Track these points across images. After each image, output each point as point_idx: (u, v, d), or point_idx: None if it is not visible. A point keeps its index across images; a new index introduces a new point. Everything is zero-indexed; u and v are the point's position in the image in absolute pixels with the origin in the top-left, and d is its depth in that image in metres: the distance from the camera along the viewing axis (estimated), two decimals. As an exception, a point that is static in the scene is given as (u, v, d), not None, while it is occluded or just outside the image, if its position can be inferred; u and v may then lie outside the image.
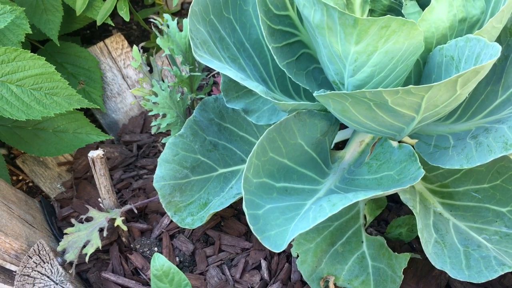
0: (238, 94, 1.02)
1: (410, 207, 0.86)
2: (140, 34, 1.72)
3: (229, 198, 1.01)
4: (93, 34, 1.69)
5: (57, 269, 0.98)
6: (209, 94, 1.16)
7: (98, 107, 1.19)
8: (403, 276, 0.90)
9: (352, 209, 1.00)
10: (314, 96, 0.80)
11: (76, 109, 1.23)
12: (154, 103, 0.99)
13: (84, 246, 1.00)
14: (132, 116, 1.43)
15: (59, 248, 1.01)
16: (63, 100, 1.08)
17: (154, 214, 1.13)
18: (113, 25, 1.35)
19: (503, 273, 0.79)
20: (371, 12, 0.94)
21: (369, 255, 0.95)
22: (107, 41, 1.48)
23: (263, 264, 0.99)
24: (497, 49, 0.68)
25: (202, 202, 1.02)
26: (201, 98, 1.06)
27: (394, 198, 1.05)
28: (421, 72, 0.89)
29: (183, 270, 1.03)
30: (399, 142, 0.94)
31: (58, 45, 1.33)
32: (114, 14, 1.60)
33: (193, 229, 1.08)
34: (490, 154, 0.75)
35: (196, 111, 1.03)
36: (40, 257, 0.98)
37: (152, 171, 1.23)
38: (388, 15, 0.72)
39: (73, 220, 1.03)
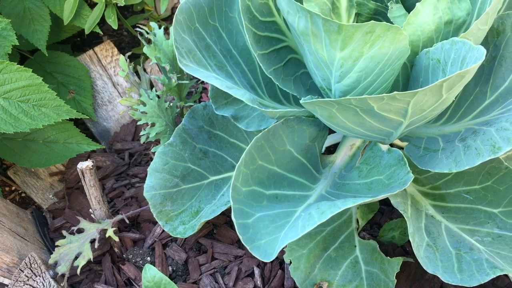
0: (227, 101, 1.02)
1: (401, 211, 0.85)
2: (130, 40, 1.72)
3: (220, 205, 1.00)
4: (83, 41, 1.69)
5: (49, 282, 0.97)
6: (199, 102, 1.16)
7: (87, 117, 1.18)
8: (396, 280, 0.90)
9: (344, 214, 1.00)
10: (301, 103, 0.79)
11: (66, 119, 1.23)
12: (142, 112, 0.98)
13: (76, 258, 1.00)
14: (124, 124, 1.42)
15: (50, 261, 1.00)
16: (51, 111, 1.07)
17: (146, 223, 1.13)
18: (102, 33, 1.34)
19: (494, 276, 0.79)
20: (358, 16, 0.94)
21: (362, 259, 0.95)
22: (97, 49, 1.47)
23: (256, 271, 0.99)
24: (482, 52, 0.68)
25: (194, 210, 1.02)
26: (190, 106, 1.05)
27: (386, 201, 1.05)
28: (409, 75, 0.88)
29: (176, 279, 1.02)
30: (390, 144, 0.94)
31: (47, 55, 1.32)
32: (103, 21, 1.59)
33: (186, 238, 1.07)
34: (478, 158, 0.75)
35: (185, 119, 1.02)
36: (31, 270, 0.98)
37: (144, 179, 1.22)
38: (373, 21, 0.71)
39: (64, 232, 1.02)
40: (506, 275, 0.92)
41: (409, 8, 0.87)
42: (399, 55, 0.77)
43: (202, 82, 1.26)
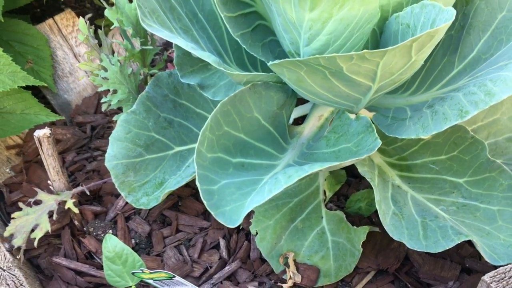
0: (193, 69, 0.99)
1: (368, 179, 0.84)
2: (94, 13, 1.65)
3: (186, 176, 0.97)
4: (44, 13, 1.61)
5: (4, 255, 0.92)
6: (164, 70, 1.12)
7: (46, 84, 1.13)
8: (361, 249, 0.89)
9: (311, 185, 0.99)
10: (269, 65, 0.77)
11: (24, 88, 1.17)
12: (103, 78, 0.94)
13: (32, 231, 0.95)
14: (86, 97, 1.37)
15: (6, 234, 0.96)
16: (6, 77, 1.02)
17: (108, 196, 1.09)
18: (63, 1, 1.28)
19: (459, 242, 0.79)
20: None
21: (328, 230, 0.94)
22: (57, 17, 1.40)
23: (222, 243, 0.97)
24: (452, 13, 0.67)
25: (158, 181, 0.99)
26: (155, 74, 1.01)
27: (353, 173, 1.04)
28: (378, 42, 0.87)
29: (140, 252, 0.99)
30: (357, 114, 0.93)
31: (2, 21, 1.25)
32: (65, -9, 1.52)
33: (149, 210, 1.04)
34: (446, 122, 0.74)
35: (149, 86, 0.99)
36: (-16, 243, 0.93)
37: (107, 152, 1.18)
38: (343, -20, 0.69)
39: (20, 204, 0.98)
40: (470, 244, 0.93)
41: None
42: (369, 18, 0.76)
43: (167, 49, 1.22)
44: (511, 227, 0.85)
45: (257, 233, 0.93)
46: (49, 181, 1.01)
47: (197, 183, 0.74)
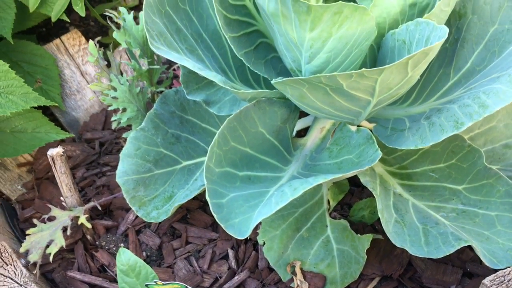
0: (198, 86, 1.02)
1: (370, 189, 0.88)
2: (98, 30, 1.69)
3: (194, 190, 1.01)
4: (49, 31, 1.65)
5: (21, 270, 0.96)
6: (170, 87, 1.16)
7: (56, 104, 1.17)
8: (366, 256, 0.92)
9: (315, 195, 1.02)
10: (272, 83, 0.81)
11: (34, 108, 1.21)
12: (113, 97, 0.97)
13: (47, 246, 0.99)
14: (93, 113, 1.41)
15: (21, 250, 0.99)
16: (19, 98, 1.05)
17: (119, 211, 1.12)
18: (69, 21, 1.32)
19: (459, 247, 0.82)
20: (326, 1, 0.96)
21: (333, 238, 0.97)
22: (64, 38, 1.44)
23: (230, 253, 1.00)
24: (445, 31, 0.71)
25: (167, 195, 1.02)
26: (162, 92, 1.05)
27: (356, 182, 1.08)
28: (376, 57, 0.91)
29: (151, 265, 1.02)
30: (358, 126, 0.96)
31: (12, 43, 1.29)
32: (70, 11, 1.56)
33: (159, 223, 1.08)
34: (443, 133, 0.78)
35: (157, 104, 1.02)
36: (2, 259, 0.96)
37: (116, 167, 1.21)
38: (341, 1, 0.73)
39: (35, 221, 1.01)
40: (470, 249, 0.96)
41: (375, -9, 0.89)
42: (367, 36, 0.80)
43: (173, 69, 1.26)
44: (509, 231, 0.88)
45: (264, 243, 0.96)
46: (61, 198, 1.04)
47: (207, 197, 0.77)
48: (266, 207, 0.76)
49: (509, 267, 0.81)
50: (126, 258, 0.88)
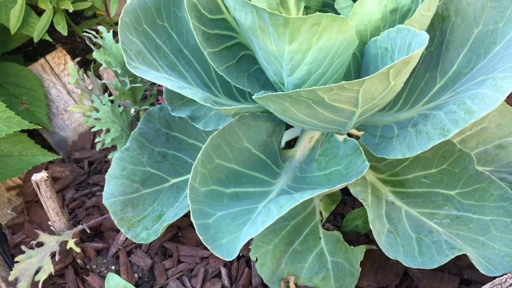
0: (183, 102, 1.01)
1: (360, 200, 0.86)
2: (85, 47, 1.68)
3: (183, 208, 0.99)
4: (35, 50, 1.64)
5: (10, 299, 0.94)
6: (154, 104, 1.14)
7: (40, 127, 1.15)
8: (360, 268, 0.91)
9: (307, 207, 1.00)
10: (254, 99, 0.79)
11: (20, 130, 1.19)
12: (96, 119, 0.96)
13: (36, 273, 0.97)
14: (82, 132, 1.39)
15: (10, 278, 0.97)
16: (1, 123, 1.04)
17: (109, 231, 1.11)
18: (51, 40, 1.31)
19: (453, 257, 0.80)
20: (307, 9, 0.95)
21: (327, 250, 0.96)
22: (48, 57, 1.43)
23: (223, 271, 0.98)
24: (425, 37, 0.69)
25: (156, 214, 1.00)
26: (147, 109, 1.04)
27: (348, 191, 1.05)
28: (360, 64, 0.89)
29: (143, 286, 1.01)
30: (348, 134, 0.95)
31: (-5, 66, 1.28)
32: (55, 28, 1.55)
33: (150, 243, 1.06)
34: (430, 141, 0.76)
35: (141, 122, 1.01)
36: (-10, 290, 0.94)
37: (105, 187, 1.20)
38: (318, 12, 0.71)
39: (23, 247, 0.99)
40: (466, 256, 0.94)
41: (356, -2, 0.88)
42: (347, 45, 0.78)
43: (158, 85, 1.24)
44: (504, 236, 0.86)
45: (257, 259, 0.95)
46: (49, 222, 1.02)
47: (192, 218, 0.76)
48: (252, 227, 0.74)
49: (505, 273, 0.79)
50: (115, 283, 0.86)
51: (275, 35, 0.75)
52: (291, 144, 1.15)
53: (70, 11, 1.25)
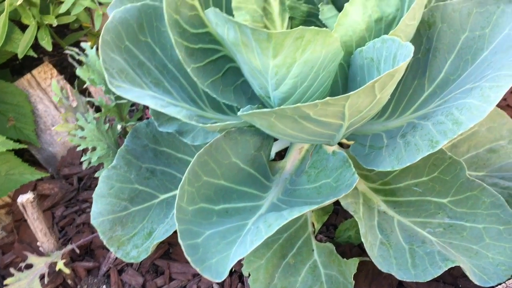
0: (169, 117, 0.99)
1: (351, 213, 0.85)
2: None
3: (173, 224, 0.97)
4: (22, 64, 1.62)
5: (0, 324, 0.92)
6: (141, 119, 1.13)
7: (26, 146, 1.13)
8: (354, 282, 0.89)
9: (299, 219, 0.99)
10: (239, 115, 0.78)
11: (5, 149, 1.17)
12: (81, 137, 0.94)
13: (26, 296, 0.95)
14: (70, 147, 1.37)
15: (-1, 302, 0.96)
16: (-14, 144, 1.02)
17: (100, 250, 1.09)
18: (36, 55, 1.29)
19: (446, 269, 0.79)
20: (292, 20, 0.93)
21: (320, 263, 0.94)
22: (35, 72, 1.41)
23: None
24: (410, 49, 0.68)
25: (146, 232, 0.99)
26: (133, 125, 1.02)
27: (339, 201, 1.05)
28: (347, 74, 0.88)
29: (135, 305, 0.99)
30: (339, 143, 0.93)
31: (-21, 84, 1.26)
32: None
33: (141, 261, 1.04)
34: (418, 153, 0.75)
35: (128, 139, 0.99)
36: (-21, 315, 0.93)
37: (95, 203, 1.18)
38: (301, 26, 0.70)
39: (12, 270, 0.98)
40: (461, 263, 0.93)
41: (340, 8, 0.86)
42: (332, 57, 0.77)
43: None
44: (498, 244, 0.85)
45: (249, 275, 0.93)
46: (38, 243, 1.01)
47: (179, 239, 0.74)
48: (241, 247, 0.73)
49: (500, 283, 0.78)
50: (105, 305, 0.84)
51: (259, 50, 0.73)
52: (282, 154, 1.14)
53: (54, 25, 1.24)
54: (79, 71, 0.96)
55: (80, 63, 0.96)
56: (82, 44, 0.98)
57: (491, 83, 0.71)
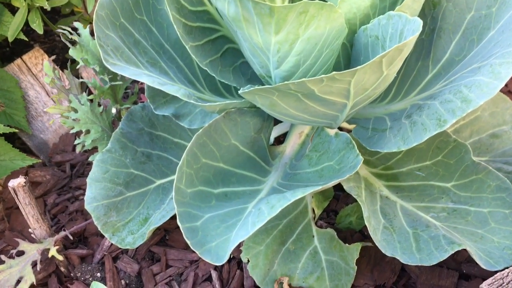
0: (166, 99, 0.96)
1: (354, 196, 0.83)
2: (64, 46, 1.63)
3: (170, 210, 0.95)
4: (13, 50, 1.58)
5: (-10, 313, 0.89)
6: (136, 103, 1.09)
7: (17, 130, 1.10)
8: (356, 267, 0.87)
9: (299, 204, 0.97)
10: (240, 94, 0.75)
11: (-4, 134, 1.14)
12: (74, 119, 0.91)
13: (18, 283, 0.92)
14: (62, 134, 1.34)
15: (-10, 290, 0.92)
16: (-25, 128, 0.98)
17: (94, 237, 1.06)
18: (27, 40, 1.25)
19: (452, 252, 0.77)
20: (293, -2, 0.90)
21: (321, 249, 0.92)
22: (25, 57, 1.37)
23: (214, 274, 0.94)
24: (418, 23, 0.66)
25: (142, 218, 0.96)
26: (128, 108, 0.99)
27: (340, 187, 1.02)
28: (350, 55, 0.86)
29: (131, 293, 0.96)
30: (339, 128, 0.91)
31: (-32, 68, 1.22)
32: (33, 28, 1.50)
33: (137, 248, 1.01)
34: (425, 133, 0.73)
35: (123, 122, 0.96)
36: (-32, 303, 0.90)
37: (89, 190, 1.15)
38: (305, 0, 0.67)
39: (3, 257, 0.94)
40: (465, 249, 0.92)
41: (343, -14, 0.84)
42: (337, 34, 0.74)
43: (140, 82, 1.19)
44: (504, 228, 0.83)
45: (248, 261, 0.91)
46: (30, 229, 0.97)
47: (178, 222, 0.72)
48: (243, 229, 0.70)
49: (506, 267, 0.76)
50: (100, 292, 0.82)
51: (260, 25, 0.71)
52: (281, 139, 1.11)
53: (47, 8, 1.20)
54: (72, 51, 0.93)
55: (73, 44, 0.92)
56: (75, 24, 0.95)
57: (501, 60, 0.68)
